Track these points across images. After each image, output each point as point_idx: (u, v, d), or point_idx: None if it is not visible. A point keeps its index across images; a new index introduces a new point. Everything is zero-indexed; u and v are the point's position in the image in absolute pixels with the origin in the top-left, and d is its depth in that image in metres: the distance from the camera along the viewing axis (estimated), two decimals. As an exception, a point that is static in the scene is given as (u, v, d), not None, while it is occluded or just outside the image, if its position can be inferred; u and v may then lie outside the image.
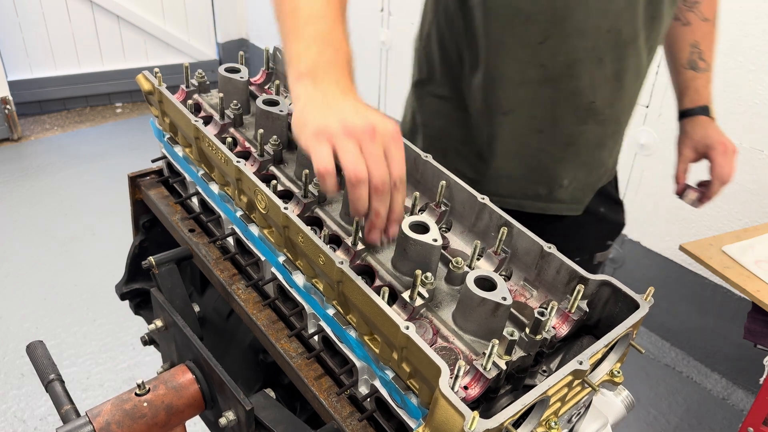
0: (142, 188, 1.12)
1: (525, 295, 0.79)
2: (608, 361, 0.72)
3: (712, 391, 2.41)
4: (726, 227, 2.26)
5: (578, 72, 1.08)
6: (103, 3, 3.97)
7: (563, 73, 1.09)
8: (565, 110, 1.12)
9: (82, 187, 3.43)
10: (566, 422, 0.71)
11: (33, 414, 2.18)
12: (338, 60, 0.75)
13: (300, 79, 0.74)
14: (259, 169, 0.92)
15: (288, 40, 0.77)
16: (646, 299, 0.70)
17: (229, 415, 0.78)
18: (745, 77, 2.06)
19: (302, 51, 0.75)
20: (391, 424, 0.74)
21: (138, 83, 1.00)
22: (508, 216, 0.80)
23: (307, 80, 0.73)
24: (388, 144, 0.70)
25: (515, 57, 1.08)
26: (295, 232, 0.76)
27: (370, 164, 0.68)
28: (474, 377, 0.64)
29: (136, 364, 2.39)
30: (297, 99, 0.73)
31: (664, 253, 2.48)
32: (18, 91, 3.91)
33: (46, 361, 0.84)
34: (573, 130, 1.15)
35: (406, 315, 0.72)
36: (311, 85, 0.73)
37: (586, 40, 1.06)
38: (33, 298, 2.66)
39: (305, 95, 0.72)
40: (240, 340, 1.03)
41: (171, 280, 0.95)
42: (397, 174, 0.70)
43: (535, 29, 1.05)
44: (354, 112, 0.70)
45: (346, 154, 0.67)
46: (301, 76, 0.74)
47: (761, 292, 1.53)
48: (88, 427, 0.74)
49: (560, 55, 1.07)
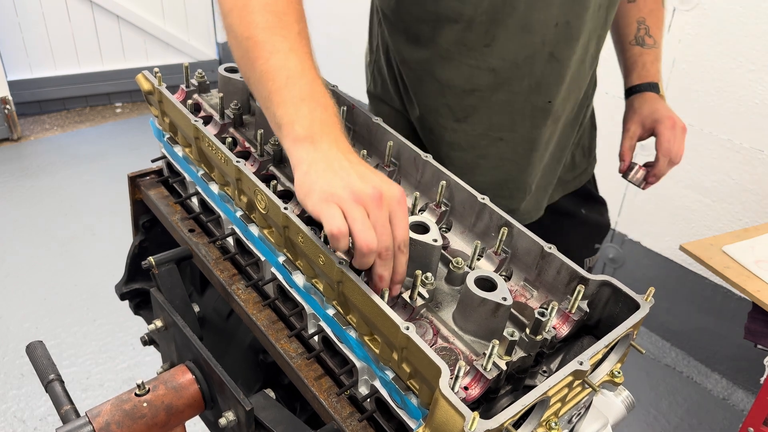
0: (142, 188, 1.12)
1: (525, 295, 0.79)
2: (609, 361, 0.72)
3: (712, 392, 2.41)
4: (726, 227, 2.26)
5: (530, 71, 1.05)
6: (103, 3, 3.97)
7: (514, 74, 1.05)
8: (523, 113, 1.09)
9: (82, 187, 3.42)
10: (566, 423, 0.71)
11: (33, 414, 2.18)
12: (330, 118, 0.74)
13: (298, 143, 0.72)
14: (259, 169, 0.92)
15: (271, 104, 0.75)
16: (647, 299, 0.70)
17: (228, 416, 0.78)
18: (745, 77, 2.06)
19: (293, 114, 0.73)
20: (391, 424, 0.74)
21: (138, 83, 1.00)
22: (509, 216, 0.80)
23: (306, 144, 0.72)
24: (394, 209, 0.69)
25: (462, 63, 1.05)
26: (295, 232, 0.76)
27: (378, 232, 0.67)
28: (474, 378, 0.64)
29: (135, 364, 2.39)
30: (299, 163, 0.72)
31: (664, 253, 2.48)
32: (18, 91, 3.90)
33: (46, 361, 0.84)
34: (534, 134, 1.12)
35: (406, 315, 0.72)
36: (311, 148, 0.71)
37: (533, 35, 1.02)
38: (33, 298, 2.66)
39: (308, 160, 0.71)
40: (240, 340, 1.03)
41: (171, 280, 0.95)
42: (401, 238, 0.70)
43: (479, 33, 1.02)
44: (360, 178, 0.69)
45: (356, 222, 0.66)
46: (298, 140, 0.72)
47: (761, 292, 1.52)
48: (87, 427, 0.74)
49: (509, 55, 1.04)
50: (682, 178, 2.31)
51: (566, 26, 1.03)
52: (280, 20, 0.77)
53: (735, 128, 2.13)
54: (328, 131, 0.73)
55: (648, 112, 1.27)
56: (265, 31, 0.76)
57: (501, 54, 1.03)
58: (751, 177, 2.14)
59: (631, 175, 1.29)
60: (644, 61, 1.29)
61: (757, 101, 2.06)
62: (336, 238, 0.66)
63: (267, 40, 0.76)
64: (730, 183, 2.20)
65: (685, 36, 2.15)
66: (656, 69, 1.30)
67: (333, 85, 1.02)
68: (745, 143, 2.12)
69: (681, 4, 2.12)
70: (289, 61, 0.75)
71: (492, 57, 1.04)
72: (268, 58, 0.75)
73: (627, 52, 1.32)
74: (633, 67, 1.31)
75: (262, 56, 0.76)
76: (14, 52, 3.90)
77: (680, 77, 2.20)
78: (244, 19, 0.77)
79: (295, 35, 0.77)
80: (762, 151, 2.09)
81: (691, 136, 2.21)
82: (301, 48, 0.77)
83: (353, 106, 0.98)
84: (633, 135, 1.28)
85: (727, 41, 2.06)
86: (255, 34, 0.77)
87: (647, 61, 1.29)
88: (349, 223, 0.66)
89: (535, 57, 1.04)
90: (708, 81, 2.15)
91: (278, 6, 0.78)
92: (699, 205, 2.31)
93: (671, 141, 1.24)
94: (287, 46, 0.76)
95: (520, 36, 1.02)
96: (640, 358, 2.48)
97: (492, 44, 1.02)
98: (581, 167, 1.33)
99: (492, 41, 1.02)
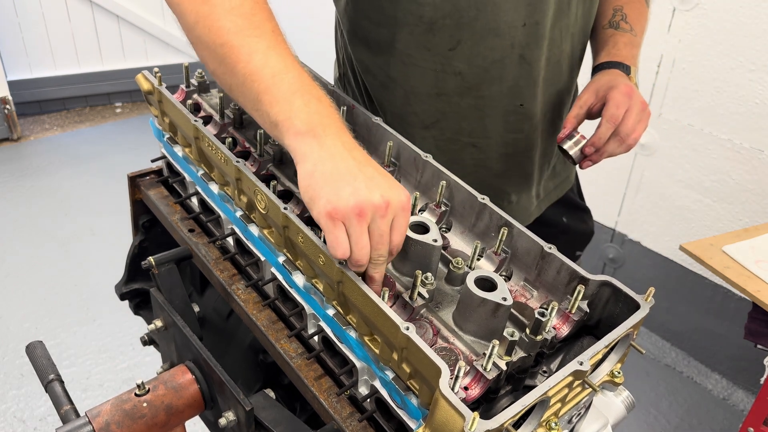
0: (142, 188, 1.12)
1: (525, 295, 0.79)
2: (609, 361, 0.72)
3: (712, 392, 2.41)
4: (726, 227, 2.26)
5: (500, 74, 1.02)
6: (103, 3, 3.97)
7: (483, 78, 1.02)
8: (494, 118, 1.06)
9: (82, 186, 3.42)
10: (567, 423, 0.71)
11: (32, 414, 2.18)
12: (326, 110, 0.72)
13: (300, 138, 0.70)
14: (259, 169, 0.92)
15: (262, 104, 0.72)
16: (647, 300, 0.70)
17: (228, 416, 0.78)
18: (745, 77, 2.06)
19: (287, 109, 0.71)
20: (391, 424, 0.74)
21: (138, 83, 1.00)
22: (509, 216, 0.80)
23: (308, 138, 0.70)
24: (398, 215, 0.69)
25: (426, 69, 1.02)
26: (295, 232, 0.76)
27: (374, 242, 0.68)
28: (474, 378, 0.64)
29: (135, 364, 2.39)
30: (303, 159, 0.70)
31: (664, 253, 2.48)
32: (18, 91, 3.90)
33: (46, 362, 0.84)
34: (508, 139, 1.08)
35: (406, 315, 0.72)
36: (315, 143, 0.69)
37: (501, 38, 0.99)
38: (33, 298, 2.66)
39: (312, 157, 0.69)
40: (240, 340, 1.03)
41: (171, 280, 0.95)
42: (396, 243, 0.70)
43: (442, 36, 0.99)
44: (367, 184, 0.67)
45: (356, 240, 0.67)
46: (299, 134, 0.70)
47: (761, 292, 1.52)
48: (87, 427, 0.74)
49: (476, 59, 1.01)
50: (682, 178, 2.31)
51: (535, 26, 1.00)
52: (251, 22, 0.75)
53: (735, 128, 2.13)
54: (329, 123, 0.71)
55: (605, 81, 1.06)
56: (238, 35, 0.74)
57: (467, 58, 1.01)
58: (751, 177, 2.14)
59: (568, 144, 1.06)
60: (616, 41, 1.14)
61: (757, 101, 2.06)
62: (338, 258, 0.68)
63: (243, 43, 0.74)
64: (730, 183, 2.20)
65: (685, 36, 2.15)
66: (630, 53, 1.13)
67: (332, 85, 1.02)
68: (745, 143, 2.12)
69: (681, 4, 2.12)
70: (270, 59, 0.73)
71: (458, 61, 1.01)
72: (249, 60, 0.73)
73: (599, 35, 1.18)
74: (603, 46, 1.15)
75: (241, 60, 0.74)
76: (14, 52, 3.90)
77: (680, 77, 2.20)
78: (212, 28, 0.75)
79: (269, 33, 0.75)
80: (762, 151, 2.09)
81: (691, 136, 2.22)
82: (279, 45, 0.75)
83: (353, 105, 0.98)
84: (583, 103, 1.06)
85: (727, 41, 2.06)
86: (229, 40, 0.74)
87: (619, 42, 1.14)
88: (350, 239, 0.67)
89: (504, 60, 1.01)
90: (708, 81, 2.14)
91: (244, 8, 0.76)
92: (699, 205, 2.31)
93: (620, 106, 1.02)
94: (264, 44, 0.74)
95: (487, 39, 0.99)
96: (640, 358, 2.47)
97: (457, 48, 1.00)
98: (562, 175, 1.29)
99: (457, 45, 0.99)
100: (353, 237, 0.67)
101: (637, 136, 1.04)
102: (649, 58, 2.24)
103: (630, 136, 1.03)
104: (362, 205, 0.66)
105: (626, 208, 2.52)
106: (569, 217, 1.29)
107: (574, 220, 1.31)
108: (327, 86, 1.02)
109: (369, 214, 0.67)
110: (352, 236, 0.67)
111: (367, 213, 0.66)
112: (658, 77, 2.24)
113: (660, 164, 2.36)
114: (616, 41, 1.13)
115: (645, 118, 1.05)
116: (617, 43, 1.13)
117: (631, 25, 1.15)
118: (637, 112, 1.02)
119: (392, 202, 0.68)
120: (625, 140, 1.03)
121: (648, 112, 1.06)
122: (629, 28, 1.15)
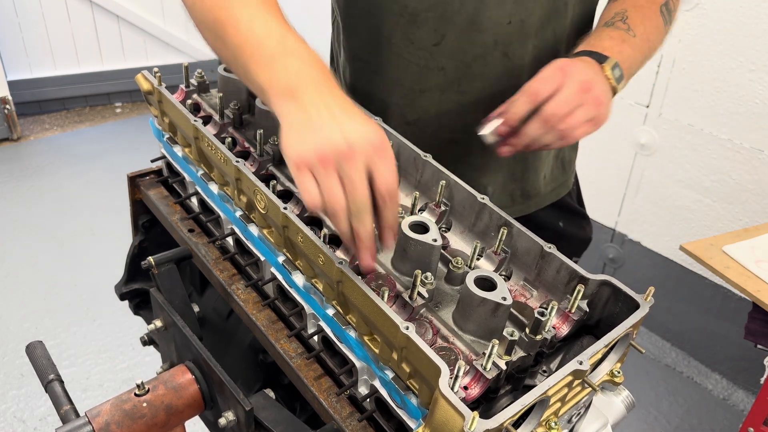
0: (142, 188, 1.12)
1: (525, 295, 0.79)
2: (608, 361, 0.72)
3: (712, 392, 2.41)
4: (726, 227, 2.26)
5: (481, 71, 1.01)
6: (103, 3, 3.97)
7: (465, 74, 1.01)
8: (477, 115, 1.03)
9: (82, 186, 3.42)
10: (566, 422, 0.71)
11: (32, 414, 2.18)
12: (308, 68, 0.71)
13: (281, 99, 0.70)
14: (259, 169, 0.92)
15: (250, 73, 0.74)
16: (647, 299, 0.70)
17: (228, 416, 0.78)
18: (745, 77, 2.06)
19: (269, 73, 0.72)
20: (390, 424, 0.74)
21: (137, 83, 1.00)
22: (508, 216, 0.80)
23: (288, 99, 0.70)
24: (371, 158, 0.65)
25: (411, 63, 1.01)
26: (295, 232, 0.76)
27: (347, 190, 0.65)
28: (474, 377, 0.64)
29: (135, 364, 2.39)
30: (283, 119, 0.70)
31: (664, 253, 2.48)
32: (17, 91, 3.90)
33: (46, 362, 0.84)
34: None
35: (406, 315, 0.72)
36: (293, 103, 0.69)
37: (485, 34, 0.97)
38: (33, 298, 2.66)
39: (288, 117, 0.69)
40: (240, 340, 1.03)
41: (170, 280, 0.95)
42: (384, 187, 0.66)
43: (426, 30, 0.98)
44: (331, 128, 0.66)
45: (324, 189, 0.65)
46: (279, 95, 0.70)
47: (761, 292, 1.52)
48: (87, 427, 0.74)
49: (459, 54, 0.99)
50: (682, 178, 2.31)
51: (520, 24, 0.98)
52: None
53: (735, 128, 2.13)
54: (309, 82, 0.70)
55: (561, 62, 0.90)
56: (226, 9, 0.77)
57: (451, 53, 0.99)
58: (751, 177, 2.14)
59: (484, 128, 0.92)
60: (600, 34, 0.98)
61: (757, 101, 2.06)
62: (308, 206, 0.67)
63: (229, 15, 0.76)
64: (730, 183, 2.20)
65: (685, 36, 2.15)
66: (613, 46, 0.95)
67: None
68: (745, 143, 2.12)
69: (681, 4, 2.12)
70: (254, 26, 0.75)
71: (442, 56, 1.00)
72: (236, 31, 0.75)
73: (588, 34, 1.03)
74: (585, 38, 1.00)
75: (229, 32, 0.76)
76: (14, 52, 3.90)
77: (680, 77, 2.20)
78: (204, 6, 0.79)
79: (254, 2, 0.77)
80: (762, 151, 2.09)
81: (691, 136, 2.22)
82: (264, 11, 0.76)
83: (353, 105, 0.98)
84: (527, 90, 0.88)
85: (727, 41, 2.06)
86: (219, 15, 0.77)
87: (604, 34, 0.97)
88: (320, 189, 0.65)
89: (486, 57, 1.00)
90: (708, 81, 2.15)
91: None
92: (699, 205, 2.31)
93: (546, 81, 0.86)
94: (249, 14, 0.76)
95: (470, 34, 0.97)
96: (640, 358, 2.47)
97: (441, 43, 0.99)
98: (559, 180, 1.24)
99: (441, 40, 0.99)
100: (321, 185, 0.65)
101: (573, 124, 0.85)
102: (649, 58, 2.24)
103: (562, 122, 0.85)
104: (322, 150, 0.64)
105: (626, 208, 2.52)
106: (566, 222, 1.25)
107: (571, 226, 1.27)
108: None
109: (333, 159, 0.64)
110: (320, 184, 0.65)
111: (329, 157, 0.64)
112: (658, 77, 2.24)
113: (660, 164, 2.36)
114: (601, 34, 0.98)
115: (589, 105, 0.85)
116: (601, 35, 0.98)
117: (630, 26, 1.00)
118: (571, 92, 0.84)
119: (356, 143, 0.64)
120: (554, 125, 0.85)
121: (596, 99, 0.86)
122: (626, 27, 0.99)
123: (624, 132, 2.40)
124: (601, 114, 0.88)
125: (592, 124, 0.88)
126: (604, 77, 0.91)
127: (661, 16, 1.04)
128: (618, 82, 0.92)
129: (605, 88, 0.90)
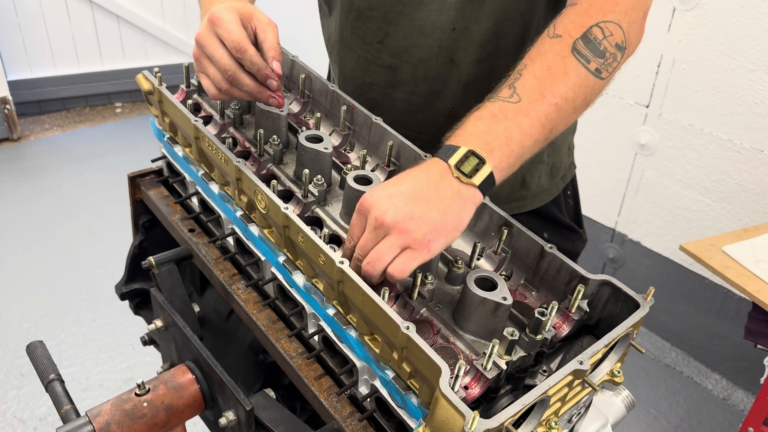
0: (142, 188, 1.12)
1: (525, 294, 0.79)
2: (608, 361, 0.72)
3: (712, 392, 2.41)
4: (726, 227, 2.26)
5: (426, 74, 1.00)
6: (103, 3, 3.97)
7: (412, 75, 1.01)
8: (426, 116, 1.04)
9: (82, 186, 3.42)
10: (566, 422, 0.71)
11: (33, 414, 2.18)
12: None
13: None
14: (259, 169, 0.92)
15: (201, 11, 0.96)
16: (647, 299, 0.70)
17: (229, 416, 0.78)
18: (745, 77, 2.06)
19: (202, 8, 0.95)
20: (391, 424, 0.74)
21: (138, 83, 1.00)
22: (509, 216, 0.80)
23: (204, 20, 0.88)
24: (217, 33, 0.85)
25: (360, 56, 1.04)
26: (295, 232, 0.76)
27: (216, 64, 0.87)
28: (474, 377, 0.64)
29: (135, 364, 2.39)
30: None
31: (664, 253, 2.48)
32: (18, 91, 3.90)
33: (46, 361, 0.84)
34: (441, 139, 0.90)
35: (407, 315, 0.72)
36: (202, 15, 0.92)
37: (428, 38, 0.97)
38: (33, 298, 2.66)
39: None
40: (240, 340, 1.03)
41: (171, 280, 0.95)
42: (230, 44, 0.85)
43: (371, 27, 1.00)
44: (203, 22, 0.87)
45: (208, 73, 0.89)
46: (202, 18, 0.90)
47: (761, 292, 1.52)
48: (88, 427, 0.74)
49: (404, 55, 1.00)
50: (682, 178, 2.31)
51: (464, 32, 0.96)
52: None
53: (735, 128, 2.13)
54: None
55: None
56: None
57: (395, 52, 1.01)
58: (751, 177, 2.14)
59: None
60: (468, 118, 0.79)
61: (757, 101, 2.06)
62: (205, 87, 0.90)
63: None
64: (730, 183, 2.20)
65: (685, 36, 2.15)
66: (478, 127, 0.76)
67: (332, 85, 1.02)
68: (745, 143, 2.12)
69: (681, 4, 2.12)
70: None
71: (386, 54, 1.01)
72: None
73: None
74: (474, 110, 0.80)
75: None
76: (14, 52, 3.90)
77: (680, 77, 2.20)
78: None
79: None
80: (762, 151, 2.09)
81: (691, 136, 2.23)
82: None
83: (353, 106, 0.98)
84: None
85: (727, 41, 2.06)
86: None
87: (471, 117, 0.78)
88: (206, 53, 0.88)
89: (431, 61, 1.00)
90: (708, 81, 2.15)
91: None
92: (699, 205, 2.31)
93: (353, 226, 0.73)
94: None
95: (413, 37, 0.99)
96: (640, 358, 2.48)
97: (385, 41, 1.01)
98: (543, 186, 1.15)
99: (385, 38, 1.00)
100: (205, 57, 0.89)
101: (381, 260, 0.68)
102: (649, 58, 2.24)
103: (367, 263, 0.70)
104: (197, 40, 0.88)
105: (626, 208, 2.52)
106: (552, 234, 1.17)
107: (557, 239, 1.17)
108: (327, 86, 1.02)
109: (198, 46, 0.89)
110: (199, 61, 0.90)
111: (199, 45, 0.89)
112: (658, 77, 2.24)
113: (660, 164, 2.36)
114: (468, 118, 0.79)
115: (392, 236, 0.68)
116: (467, 120, 0.79)
117: (516, 88, 0.79)
118: (367, 236, 0.70)
119: (202, 32, 0.88)
120: (364, 267, 0.70)
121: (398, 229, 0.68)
122: (509, 93, 0.79)
123: (624, 132, 2.40)
124: (415, 240, 0.68)
125: (410, 250, 0.69)
126: (445, 181, 0.72)
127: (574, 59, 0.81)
128: (476, 171, 0.73)
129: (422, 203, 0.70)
